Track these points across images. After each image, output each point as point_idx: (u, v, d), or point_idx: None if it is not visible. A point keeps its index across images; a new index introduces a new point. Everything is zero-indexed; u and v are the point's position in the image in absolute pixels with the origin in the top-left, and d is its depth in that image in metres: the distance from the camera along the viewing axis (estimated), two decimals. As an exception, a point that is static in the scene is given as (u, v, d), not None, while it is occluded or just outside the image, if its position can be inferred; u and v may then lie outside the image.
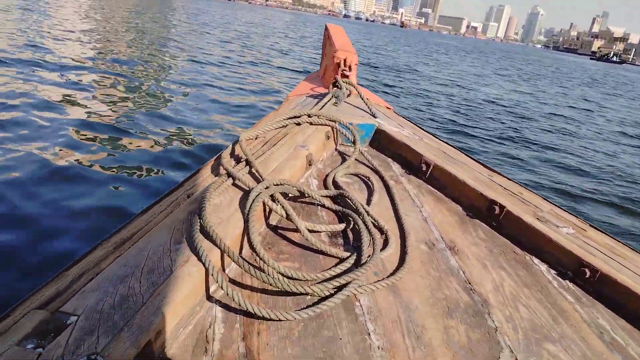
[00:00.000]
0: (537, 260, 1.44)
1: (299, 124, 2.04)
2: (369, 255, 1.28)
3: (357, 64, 2.79)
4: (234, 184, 1.44)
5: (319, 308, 1.07)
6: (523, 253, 1.47)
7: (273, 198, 1.37)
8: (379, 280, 1.21)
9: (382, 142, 2.16)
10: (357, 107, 2.48)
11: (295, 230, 1.39)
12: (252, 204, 1.28)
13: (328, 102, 2.37)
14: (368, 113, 2.35)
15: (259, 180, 1.46)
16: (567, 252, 1.38)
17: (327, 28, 3.34)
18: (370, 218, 1.45)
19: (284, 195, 1.47)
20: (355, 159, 2.00)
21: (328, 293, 1.13)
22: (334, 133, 2.11)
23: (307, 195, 1.48)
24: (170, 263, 1.04)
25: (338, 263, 1.26)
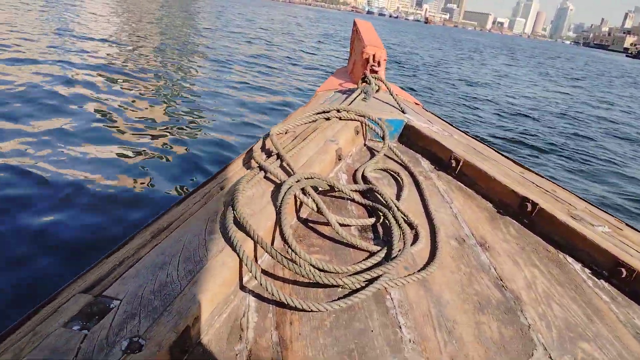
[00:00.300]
0: (570, 259, 1.42)
1: (329, 119, 2.05)
2: (400, 250, 1.28)
3: (385, 60, 2.79)
4: (266, 177, 1.46)
5: (351, 300, 1.08)
6: (556, 251, 1.45)
7: (304, 191, 1.39)
8: (410, 275, 1.21)
9: (411, 137, 2.16)
10: (386, 102, 2.48)
11: (326, 224, 1.40)
12: (284, 197, 1.30)
13: (357, 97, 2.37)
14: (397, 109, 2.35)
15: (290, 174, 1.48)
16: (602, 250, 1.35)
17: (355, 24, 3.34)
18: (400, 213, 1.45)
19: (314, 189, 1.49)
20: (384, 155, 2.00)
21: (359, 286, 1.14)
22: (363, 128, 2.11)
23: (337, 190, 1.49)
24: (206, 252, 1.07)
25: (368, 256, 1.27)
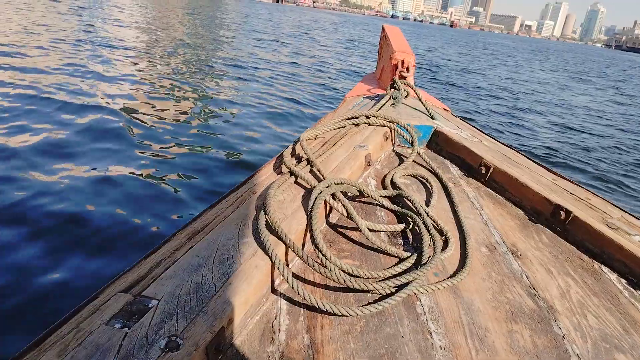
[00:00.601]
0: (606, 269, 1.39)
1: (358, 125, 2.06)
2: (430, 256, 1.28)
3: (414, 66, 2.78)
4: (296, 182, 1.48)
5: (381, 305, 1.09)
6: (591, 260, 1.42)
7: (334, 197, 1.40)
8: (440, 281, 1.21)
9: (440, 144, 2.15)
10: (414, 108, 2.47)
11: (355, 229, 1.41)
12: (314, 202, 1.31)
13: (386, 103, 2.38)
14: (426, 115, 2.34)
15: (320, 179, 1.49)
16: (639, 261, 1.31)
17: (384, 29, 3.34)
18: (430, 219, 1.44)
19: (344, 194, 1.50)
20: (413, 161, 1.99)
21: (389, 291, 1.15)
22: (392, 134, 2.11)
23: (366, 195, 1.50)
24: (239, 255, 1.09)
25: (398, 262, 1.27)
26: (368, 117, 2.07)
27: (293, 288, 1.06)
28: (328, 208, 1.44)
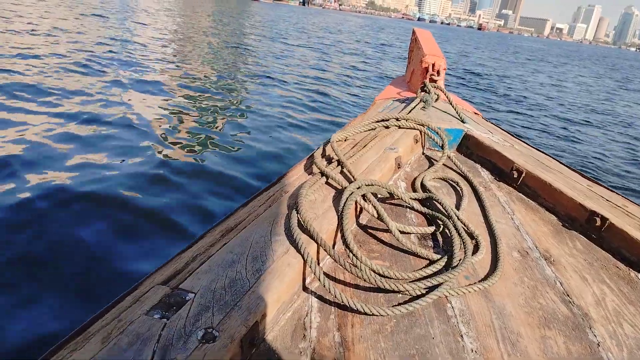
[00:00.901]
0: None
1: (388, 127, 2.07)
2: (460, 259, 1.27)
3: (445, 69, 2.77)
4: (327, 183, 1.50)
5: (412, 306, 1.09)
6: (627, 269, 1.38)
7: (365, 198, 1.41)
8: (471, 284, 1.20)
9: (470, 147, 2.13)
10: (445, 111, 2.46)
11: (385, 230, 1.42)
12: (345, 202, 1.33)
13: (416, 106, 2.38)
14: (456, 118, 2.33)
15: (351, 180, 1.50)
16: None
17: (414, 32, 3.34)
18: (461, 222, 1.44)
19: (374, 196, 1.51)
20: (443, 164, 1.98)
21: (420, 292, 1.15)
22: (422, 137, 2.11)
23: (396, 197, 1.50)
24: (272, 253, 1.11)
25: (428, 264, 1.27)
26: (398, 119, 2.08)
27: (324, 286, 1.08)
28: (358, 209, 1.45)
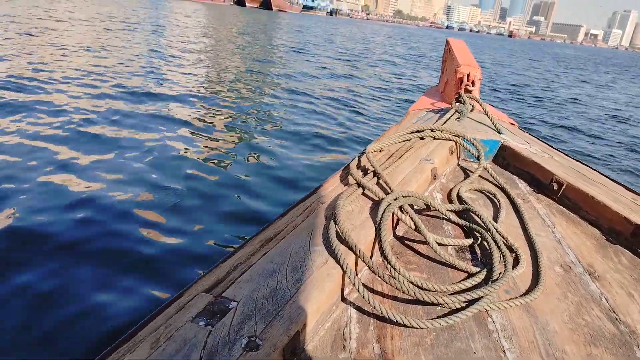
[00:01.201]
0: None
1: (423, 138, 2.06)
2: (501, 273, 1.25)
3: (480, 79, 2.74)
4: (364, 194, 1.50)
5: (452, 319, 1.08)
6: None
7: (402, 209, 1.41)
8: (512, 299, 1.18)
9: (507, 158, 2.10)
10: (480, 122, 2.44)
11: (422, 242, 1.41)
12: (383, 214, 1.33)
13: (451, 117, 2.36)
14: (492, 129, 2.30)
15: (387, 191, 1.51)
16: None
17: (448, 43, 3.32)
18: (500, 235, 1.41)
19: (410, 207, 1.50)
20: (479, 175, 1.96)
21: (459, 306, 1.14)
22: (457, 148, 2.09)
23: (432, 208, 1.50)
24: (311, 263, 1.13)
25: (467, 277, 1.26)
26: (433, 130, 2.07)
27: (364, 297, 1.08)
28: (395, 220, 1.45)
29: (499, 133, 2.24)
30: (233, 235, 3.15)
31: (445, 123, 2.27)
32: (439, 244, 1.36)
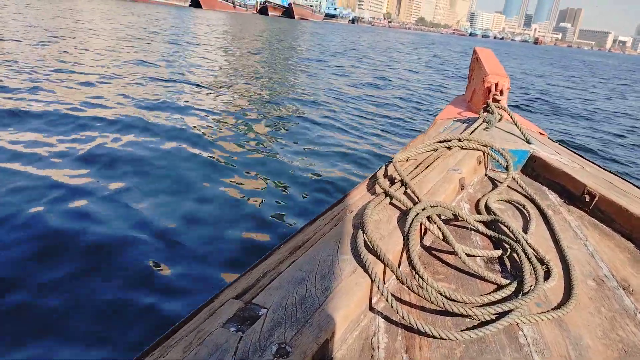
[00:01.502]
0: None
1: (450, 148, 2.05)
2: (532, 285, 1.23)
3: (509, 88, 2.71)
4: (391, 203, 1.51)
5: (481, 332, 1.07)
6: None
7: (429, 219, 1.41)
8: (544, 312, 1.16)
9: (536, 169, 2.07)
10: (509, 132, 2.41)
11: (450, 252, 1.40)
12: (411, 224, 1.33)
13: (479, 126, 2.34)
14: (521, 139, 2.27)
15: (415, 201, 1.50)
16: None
17: (475, 52, 3.30)
18: (530, 247, 1.39)
19: (438, 217, 1.50)
20: (508, 186, 1.94)
21: (489, 318, 1.12)
22: (485, 158, 2.08)
23: (460, 219, 1.48)
24: (339, 272, 1.13)
25: (497, 289, 1.24)
26: (461, 140, 2.06)
27: (392, 307, 1.08)
28: (422, 230, 1.45)
29: (528, 143, 2.21)
30: (260, 243, 3.20)
31: (473, 133, 2.25)
32: (468, 255, 1.35)
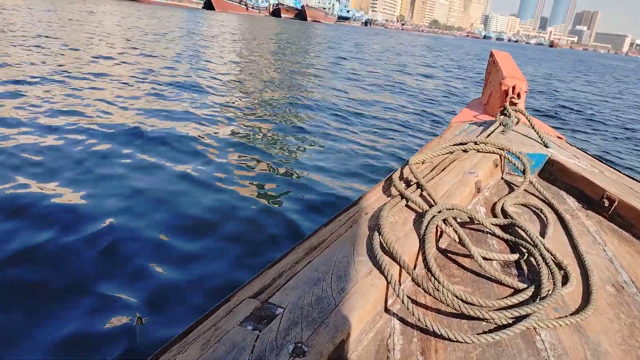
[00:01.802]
0: None
1: (466, 151, 2.04)
2: (549, 290, 1.22)
3: (526, 92, 2.69)
4: (407, 205, 1.50)
5: (498, 335, 1.06)
6: None
7: (445, 222, 1.40)
8: (562, 317, 1.15)
9: (554, 173, 2.05)
10: (526, 135, 2.39)
11: (466, 255, 1.39)
12: (427, 226, 1.32)
13: (495, 129, 2.33)
14: (539, 142, 2.25)
15: (431, 204, 1.50)
16: None
17: (492, 54, 3.28)
18: (547, 251, 1.38)
19: (454, 220, 1.49)
20: (524, 190, 1.92)
21: (506, 322, 1.12)
22: (502, 161, 2.06)
23: (476, 222, 1.48)
24: (355, 273, 1.13)
25: (514, 293, 1.23)
26: (477, 143, 2.05)
27: (408, 309, 1.08)
28: (438, 232, 1.45)
29: (546, 147, 2.19)
30: (276, 243, 3.22)
31: (490, 136, 2.24)
32: (484, 258, 1.34)
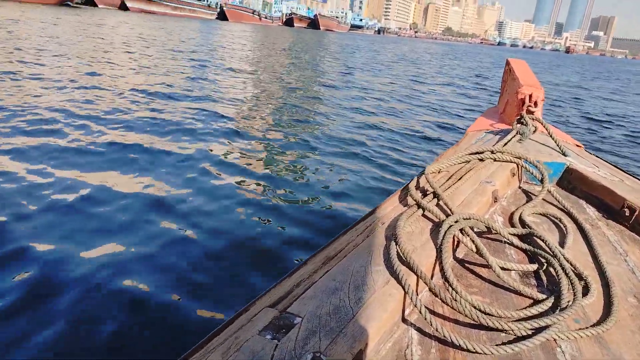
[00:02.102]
0: None
1: (482, 160, 2.03)
2: (570, 301, 1.21)
3: (543, 100, 2.67)
4: (424, 215, 1.51)
5: (517, 347, 1.05)
6: None
7: (462, 231, 1.40)
8: (582, 329, 1.13)
9: (573, 182, 2.02)
10: (543, 144, 2.37)
11: (483, 266, 1.39)
12: (444, 236, 1.32)
13: (512, 138, 2.32)
14: (557, 151, 2.23)
15: (447, 213, 1.50)
16: None
17: (508, 63, 3.27)
18: (567, 262, 1.36)
19: (471, 229, 1.49)
20: (543, 199, 1.90)
21: (525, 333, 1.11)
22: (519, 170, 2.05)
23: (494, 232, 1.47)
24: (373, 283, 1.14)
25: (533, 304, 1.22)
26: (493, 152, 2.04)
27: (426, 319, 1.08)
28: (455, 242, 1.44)
29: (564, 155, 2.17)
30: (293, 253, 3.24)
31: (506, 145, 2.23)
32: (502, 269, 1.33)
